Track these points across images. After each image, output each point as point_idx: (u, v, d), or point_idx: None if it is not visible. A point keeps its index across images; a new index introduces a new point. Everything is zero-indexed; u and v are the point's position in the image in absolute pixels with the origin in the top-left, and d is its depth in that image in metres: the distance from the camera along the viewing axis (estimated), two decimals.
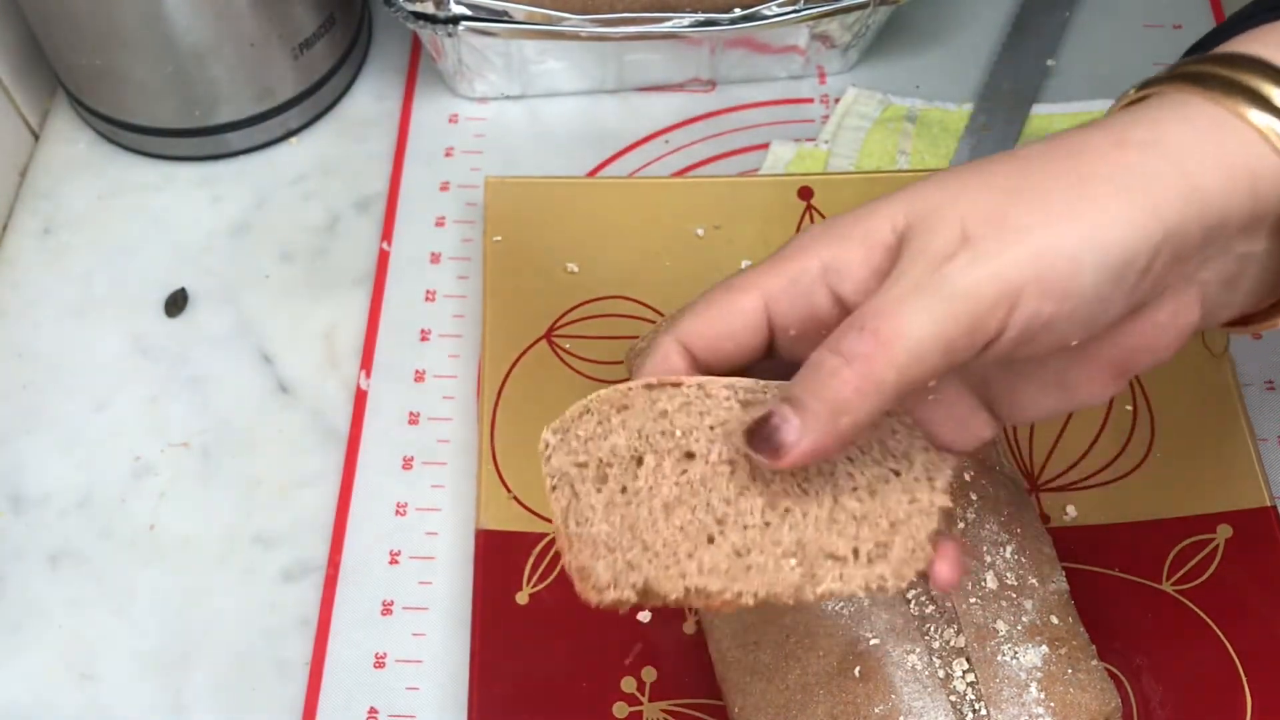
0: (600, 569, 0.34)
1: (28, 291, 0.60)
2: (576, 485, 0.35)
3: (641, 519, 0.34)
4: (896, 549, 0.34)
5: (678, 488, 0.35)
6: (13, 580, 0.52)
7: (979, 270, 0.31)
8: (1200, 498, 0.51)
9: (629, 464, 0.35)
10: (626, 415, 0.35)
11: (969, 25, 0.69)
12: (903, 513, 0.35)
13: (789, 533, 0.34)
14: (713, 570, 0.34)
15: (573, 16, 0.59)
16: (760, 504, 0.34)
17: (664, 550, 0.34)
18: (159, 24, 0.56)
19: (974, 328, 0.31)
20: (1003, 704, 0.43)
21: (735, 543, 0.34)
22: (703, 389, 0.35)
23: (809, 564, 0.34)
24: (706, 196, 0.60)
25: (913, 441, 0.36)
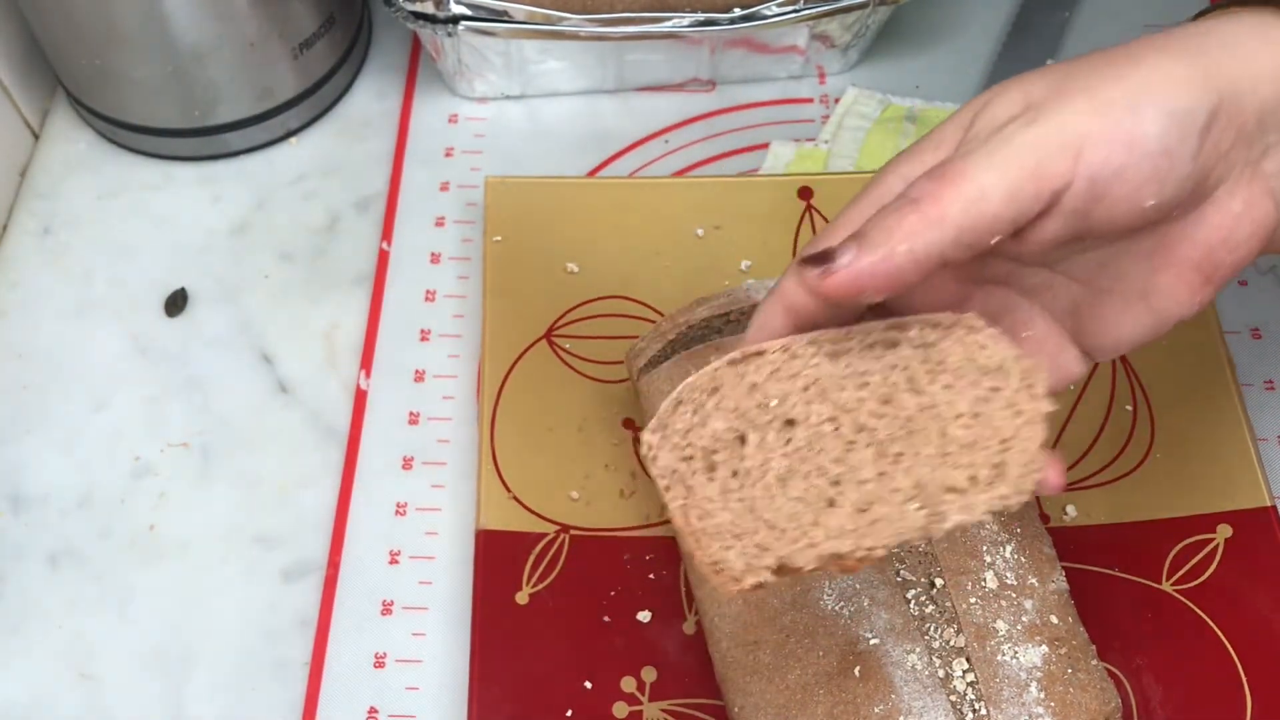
0: (733, 558, 0.33)
1: (28, 291, 0.60)
2: (688, 480, 0.34)
3: (759, 499, 0.34)
4: (1012, 465, 0.33)
5: (786, 459, 0.34)
6: (12, 580, 0.52)
7: (1041, 123, 0.32)
8: (1200, 498, 0.51)
9: (733, 445, 0.34)
10: (719, 397, 0.35)
11: (969, 25, 0.69)
12: (1011, 428, 0.34)
13: (905, 477, 0.34)
14: (840, 532, 0.33)
15: (573, 16, 0.59)
16: (871, 455, 0.34)
17: (789, 525, 0.33)
18: (159, 24, 0.56)
19: (1038, 173, 0.32)
20: (1003, 704, 0.43)
21: (855, 500, 0.34)
22: (787, 350, 0.35)
23: (931, 503, 0.33)
24: (706, 196, 0.60)
25: (1005, 352, 0.35)
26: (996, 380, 0.34)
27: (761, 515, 0.34)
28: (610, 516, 0.52)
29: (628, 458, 0.53)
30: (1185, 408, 0.53)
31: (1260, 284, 0.59)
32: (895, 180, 0.36)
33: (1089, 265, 0.37)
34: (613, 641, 0.49)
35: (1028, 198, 0.32)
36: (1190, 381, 0.54)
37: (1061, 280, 0.37)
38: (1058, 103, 0.33)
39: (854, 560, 0.33)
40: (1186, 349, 0.54)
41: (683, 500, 0.34)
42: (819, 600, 0.45)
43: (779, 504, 0.34)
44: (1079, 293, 0.37)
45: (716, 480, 0.34)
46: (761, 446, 0.34)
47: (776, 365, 0.35)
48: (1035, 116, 0.33)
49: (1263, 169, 0.35)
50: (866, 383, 0.35)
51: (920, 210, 0.32)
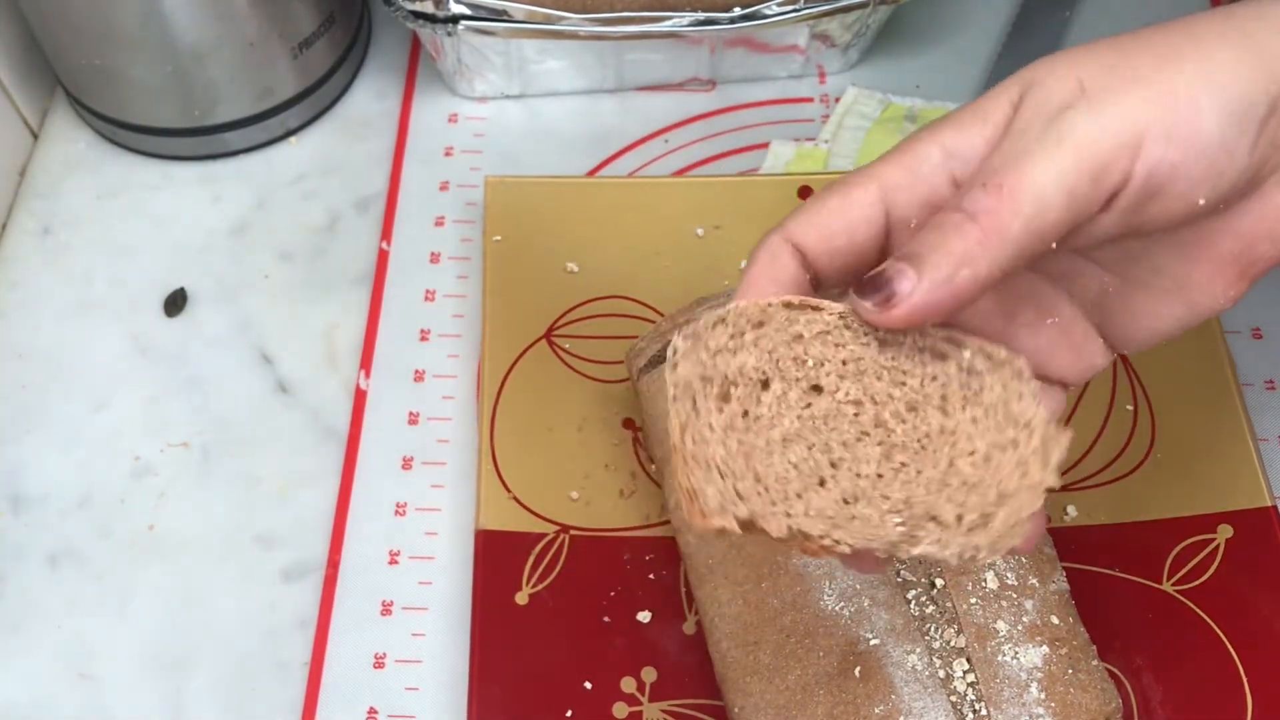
0: (710, 494, 0.33)
1: (27, 291, 0.60)
2: (698, 400, 0.33)
3: (758, 449, 0.33)
4: (998, 522, 0.33)
5: (799, 422, 0.33)
6: (12, 580, 0.52)
7: (1100, 116, 0.31)
8: (1200, 498, 0.51)
9: (755, 387, 0.34)
10: (761, 333, 0.34)
11: (969, 25, 0.69)
12: (1013, 485, 0.33)
13: (899, 488, 0.33)
14: (818, 514, 0.33)
15: (572, 16, 0.59)
16: (877, 454, 0.33)
17: (775, 486, 0.33)
18: (158, 24, 0.56)
19: (1097, 174, 0.30)
20: (1003, 704, 0.43)
21: (845, 489, 0.33)
22: (844, 319, 0.34)
23: (912, 524, 0.33)
24: (706, 196, 0.60)
25: (1038, 412, 0.34)
26: (1019, 434, 0.33)
27: (754, 465, 0.33)
28: (610, 516, 0.52)
29: (628, 458, 0.53)
30: (1186, 408, 0.53)
31: (1261, 284, 0.58)
32: (936, 152, 0.34)
33: (1121, 255, 0.35)
34: (613, 641, 0.49)
35: (1088, 200, 0.31)
36: (1191, 381, 0.54)
37: (1091, 268, 0.36)
38: (1115, 91, 0.31)
39: (818, 545, 0.33)
40: (1187, 349, 0.54)
41: (685, 418, 0.33)
42: (819, 600, 0.45)
43: (774, 462, 0.33)
44: (1109, 282, 0.36)
45: (726, 413, 0.33)
46: (781, 400, 0.34)
47: (828, 328, 0.34)
48: (1091, 106, 0.31)
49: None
50: (904, 383, 0.34)
51: (980, 229, 0.30)
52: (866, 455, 0.33)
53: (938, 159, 0.34)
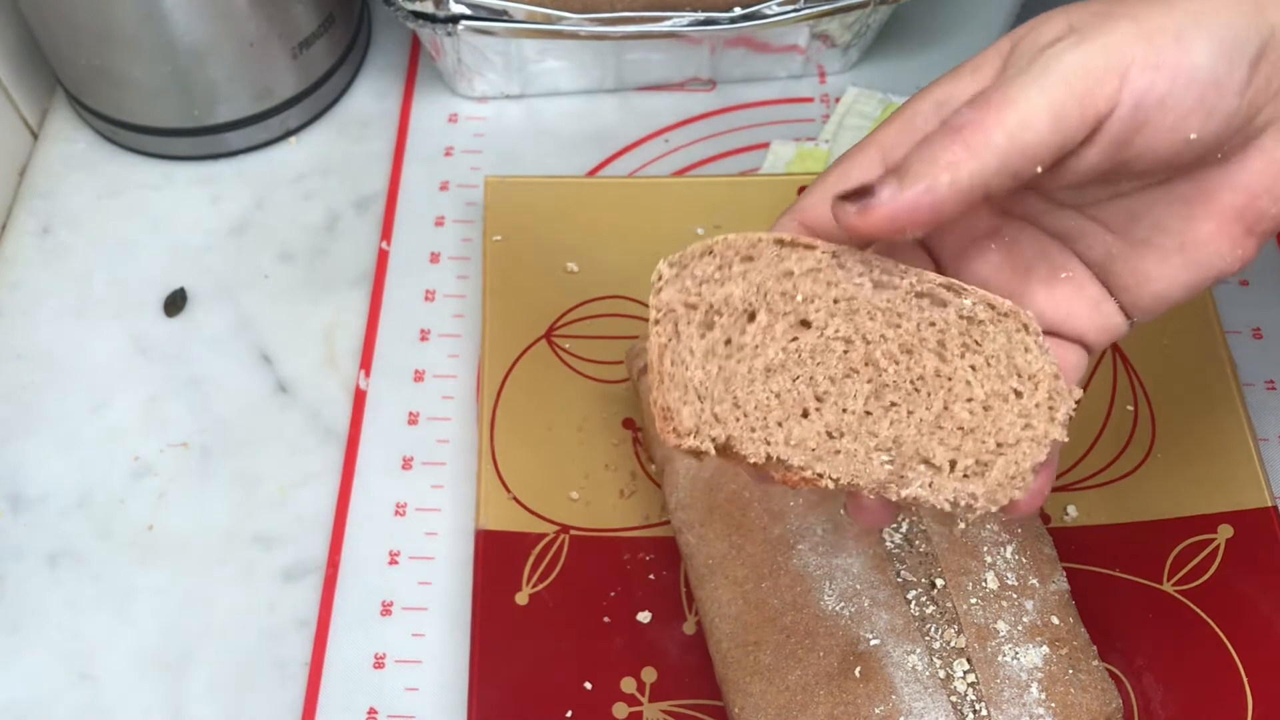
0: (686, 414, 0.33)
1: (27, 291, 0.60)
2: (680, 325, 0.33)
3: (739, 375, 0.33)
4: (996, 471, 0.32)
5: (784, 354, 0.33)
6: (12, 580, 0.52)
7: (1086, 45, 0.31)
8: (1201, 498, 0.51)
9: (740, 317, 0.33)
10: (749, 266, 0.33)
11: (969, 25, 0.69)
12: (1014, 436, 0.33)
13: (888, 427, 0.33)
14: (799, 444, 0.33)
15: (572, 16, 0.59)
16: (866, 390, 0.33)
17: (754, 412, 0.33)
18: (158, 24, 0.56)
19: (1083, 97, 0.31)
20: (1003, 704, 0.43)
21: (830, 422, 0.33)
22: (837, 258, 0.34)
23: (901, 464, 0.33)
24: (706, 196, 0.60)
25: (1045, 365, 0.33)
26: (1023, 385, 0.33)
27: (733, 391, 0.33)
28: (610, 516, 0.52)
29: (628, 458, 0.53)
30: (1186, 408, 0.53)
31: (1261, 284, 0.59)
32: (928, 104, 0.34)
33: (1123, 214, 0.35)
34: (613, 642, 0.49)
35: (1073, 123, 0.31)
36: (1191, 381, 0.54)
37: (1094, 228, 0.35)
38: (1103, 27, 0.31)
39: (798, 476, 0.33)
40: (1187, 349, 0.54)
41: (667, 340, 0.33)
42: (819, 601, 0.45)
43: (755, 389, 0.33)
44: (1113, 244, 0.35)
45: (707, 339, 0.33)
46: (767, 331, 0.33)
47: (819, 266, 0.34)
48: (1080, 40, 0.31)
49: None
50: (898, 324, 0.34)
51: (963, 138, 0.31)
52: (855, 391, 0.33)
53: (929, 109, 0.34)
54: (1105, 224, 0.35)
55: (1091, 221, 0.36)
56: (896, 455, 0.33)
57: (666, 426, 0.33)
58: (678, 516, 0.49)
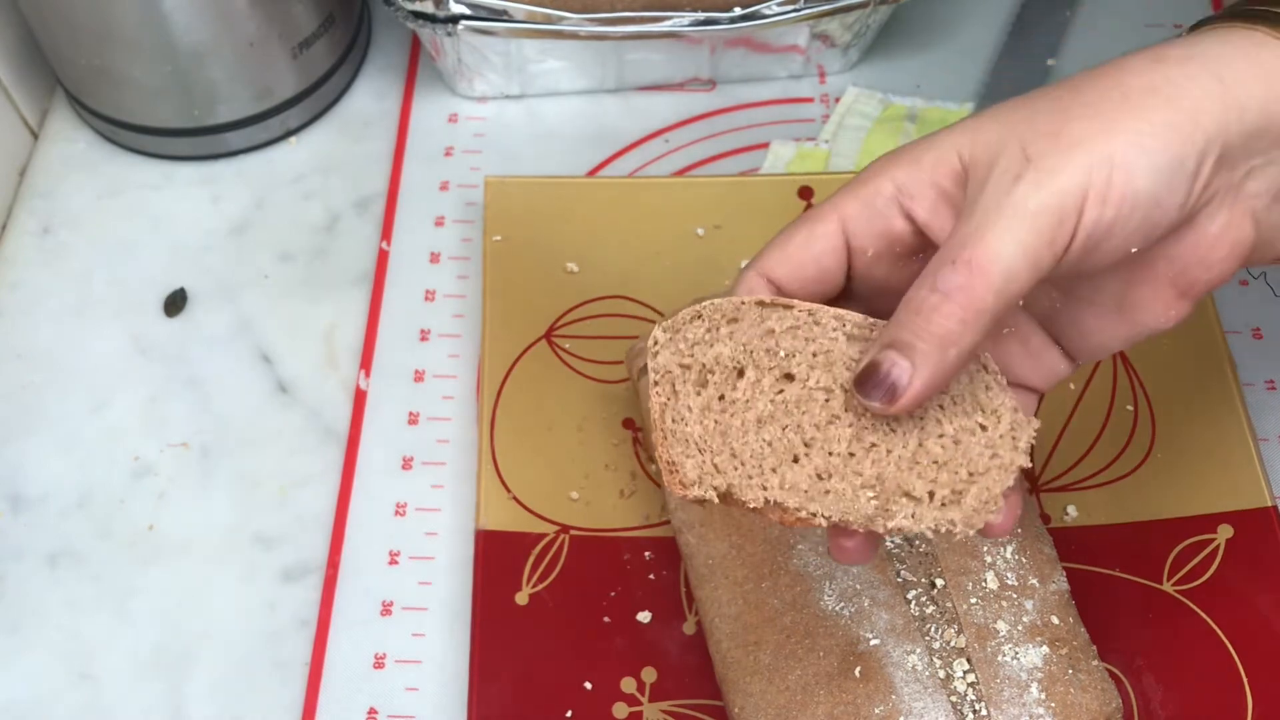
0: (689, 466, 0.36)
1: (27, 291, 0.60)
2: (677, 384, 0.36)
3: (734, 428, 0.36)
4: (970, 498, 0.35)
5: (773, 405, 0.36)
6: (12, 580, 0.52)
7: (1047, 188, 0.33)
8: (1201, 498, 0.51)
9: (730, 374, 0.36)
10: (735, 327, 0.37)
11: (969, 25, 0.69)
12: (983, 465, 0.36)
13: (871, 466, 0.36)
14: (793, 488, 0.35)
15: (573, 16, 0.59)
16: (848, 434, 0.36)
17: (750, 460, 0.36)
18: (158, 24, 0.56)
19: (1053, 239, 0.33)
20: (1003, 704, 0.43)
21: (818, 466, 0.36)
22: (813, 315, 0.37)
23: (885, 498, 0.35)
24: (706, 196, 0.60)
25: (1004, 400, 0.37)
26: (987, 420, 0.36)
27: (730, 442, 0.36)
28: (610, 516, 0.52)
29: (628, 458, 0.53)
30: (1186, 408, 0.53)
31: (1261, 284, 0.59)
32: (888, 185, 0.37)
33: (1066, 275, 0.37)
34: (613, 642, 0.49)
35: (1046, 264, 0.33)
36: (1191, 381, 0.54)
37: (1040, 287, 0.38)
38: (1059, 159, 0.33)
39: (794, 517, 0.35)
40: (1187, 349, 0.54)
41: (665, 399, 0.36)
42: (819, 601, 0.45)
43: (750, 440, 0.36)
44: (1058, 299, 0.38)
45: (703, 396, 0.36)
46: (755, 386, 0.36)
47: (798, 323, 0.37)
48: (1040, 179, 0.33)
49: (1245, 189, 0.35)
50: None
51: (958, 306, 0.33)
52: (838, 436, 0.36)
53: (889, 194, 0.37)
54: (1051, 283, 0.38)
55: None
56: (880, 491, 0.36)
57: (673, 479, 0.36)
58: (678, 516, 0.49)
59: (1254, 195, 0.35)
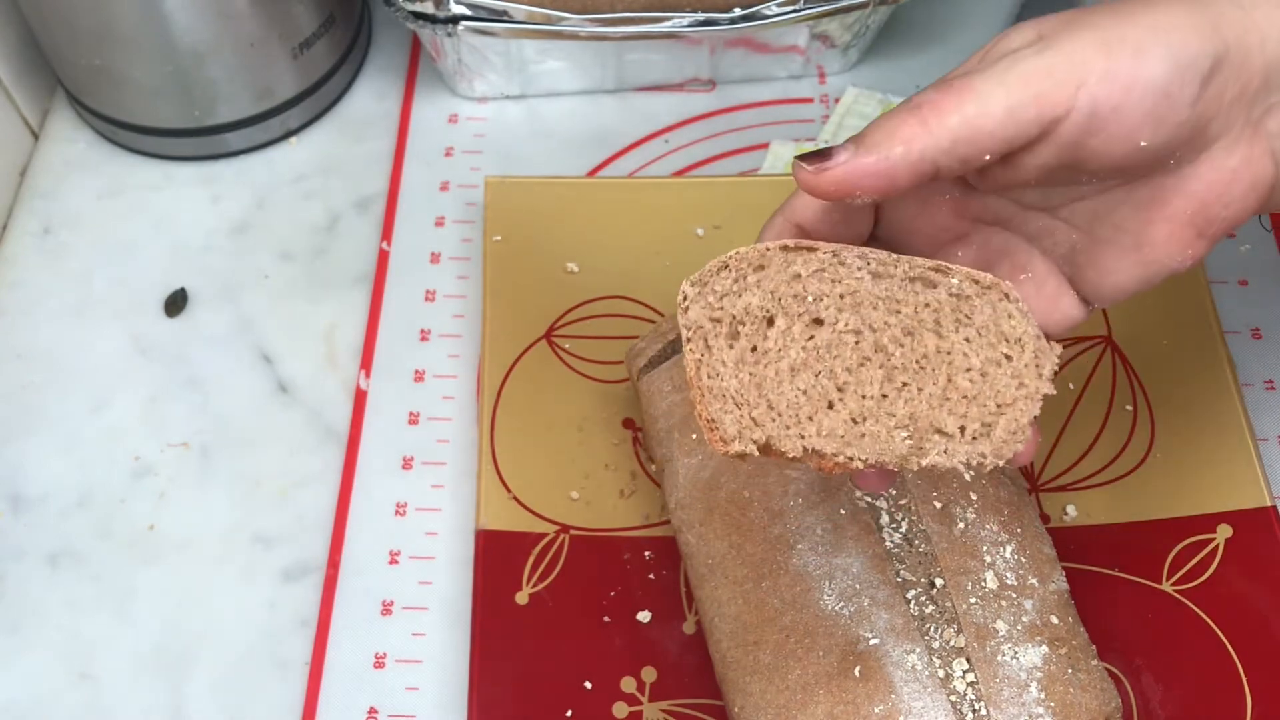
0: (728, 422, 0.36)
1: (28, 291, 0.60)
2: (710, 339, 0.36)
3: (768, 379, 0.36)
4: (1000, 429, 0.36)
5: (804, 352, 0.36)
6: (12, 580, 0.52)
7: (1050, 52, 0.33)
8: (1200, 498, 0.51)
9: (760, 324, 0.36)
10: (762, 275, 0.37)
11: (969, 25, 0.69)
12: (1010, 396, 0.36)
13: (903, 406, 0.36)
14: (829, 434, 0.36)
15: (573, 16, 0.59)
16: (880, 376, 0.36)
17: (787, 411, 0.36)
18: (158, 24, 0.56)
19: (1040, 98, 0.33)
20: (1003, 704, 0.43)
21: (853, 410, 0.36)
22: (837, 256, 0.37)
23: (918, 437, 0.36)
24: (706, 196, 0.60)
25: (1027, 328, 0.37)
26: (1012, 350, 0.37)
27: (766, 394, 0.36)
28: (610, 516, 0.52)
29: (628, 457, 0.53)
30: (1185, 408, 0.53)
31: (1261, 284, 0.59)
32: None
33: (1087, 214, 0.37)
34: (613, 641, 0.49)
35: (1027, 119, 0.33)
36: (1190, 381, 0.54)
37: (1061, 226, 0.38)
38: (1068, 35, 0.33)
39: (832, 463, 0.36)
40: (1186, 349, 0.54)
41: (700, 355, 0.36)
42: (819, 600, 0.45)
43: (784, 390, 0.36)
44: (1077, 240, 0.38)
45: (735, 349, 0.36)
46: (786, 334, 0.36)
47: (823, 266, 0.37)
48: (1045, 46, 0.33)
49: (1265, 127, 0.35)
50: (898, 310, 0.37)
51: (920, 116, 0.33)
52: (870, 378, 0.36)
53: None
54: (1070, 223, 0.38)
55: (1058, 221, 0.38)
56: (913, 430, 0.36)
57: (714, 436, 0.36)
58: (678, 516, 0.49)
59: (1273, 134, 0.35)
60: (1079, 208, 0.37)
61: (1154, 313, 0.55)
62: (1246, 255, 0.59)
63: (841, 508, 0.46)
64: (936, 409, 0.36)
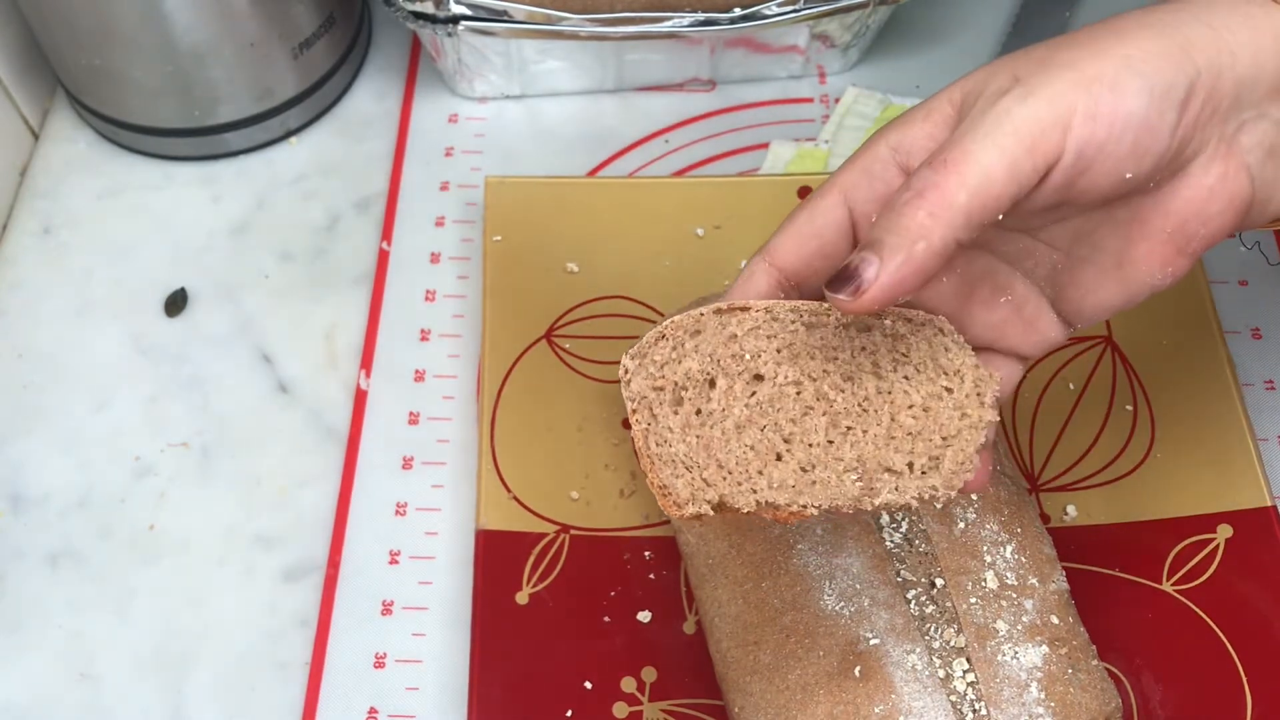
0: (680, 486, 0.37)
1: (28, 291, 0.60)
2: (654, 408, 0.37)
3: (715, 439, 0.37)
4: (947, 462, 0.37)
5: (748, 409, 0.37)
6: (12, 580, 0.52)
7: (1033, 99, 0.33)
8: (1200, 498, 0.51)
9: (702, 386, 0.37)
10: (699, 340, 0.37)
11: (969, 25, 0.69)
12: (954, 428, 0.37)
13: (850, 449, 0.37)
14: (781, 485, 0.37)
15: (573, 16, 0.59)
16: (824, 423, 0.37)
17: (737, 468, 0.37)
18: (158, 24, 0.56)
19: (1034, 150, 0.33)
20: (1003, 704, 0.43)
21: (801, 459, 0.37)
22: (769, 312, 0.37)
23: (868, 478, 0.37)
24: (706, 196, 0.60)
25: (965, 359, 0.38)
26: (951, 381, 0.37)
27: (715, 455, 0.37)
28: (610, 516, 0.52)
29: (628, 458, 0.53)
30: (1185, 408, 0.53)
31: (1260, 284, 0.59)
32: (884, 150, 0.37)
33: (1068, 234, 0.38)
34: (613, 641, 0.49)
35: (1026, 174, 0.33)
36: (1190, 381, 0.54)
37: (1042, 248, 0.38)
38: (1046, 78, 0.34)
39: (787, 512, 0.36)
40: (1186, 349, 0.54)
41: (646, 425, 0.37)
42: (819, 600, 0.45)
43: (732, 448, 0.37)
44: (1059, 260, 0.38)
45: (680, 414, 0.37)
46: (728, 393, 0.37)
47: (758, 323, 0.37)
48: (1026, 93, 0.33)
49: (1239, 143, 0.35)
50: (836, 357, 0.37)
51: (928, 203, 0.33)
52: (814, 426, 0.37)
53: (886, 155, 0.37)
54: (1051, 244, 0.38)
55: (1039, 243, 0.38)
56: (862, 472, 0.37)
57: (667, 502, 0.37)
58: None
59: (1247, 150, 0.35)
60: (1059, 229, 0.38)
61: (1154, 313, 0.55)
62: (1246, 255, 0.59)
63: None
64: (883, 449, 0.37)
